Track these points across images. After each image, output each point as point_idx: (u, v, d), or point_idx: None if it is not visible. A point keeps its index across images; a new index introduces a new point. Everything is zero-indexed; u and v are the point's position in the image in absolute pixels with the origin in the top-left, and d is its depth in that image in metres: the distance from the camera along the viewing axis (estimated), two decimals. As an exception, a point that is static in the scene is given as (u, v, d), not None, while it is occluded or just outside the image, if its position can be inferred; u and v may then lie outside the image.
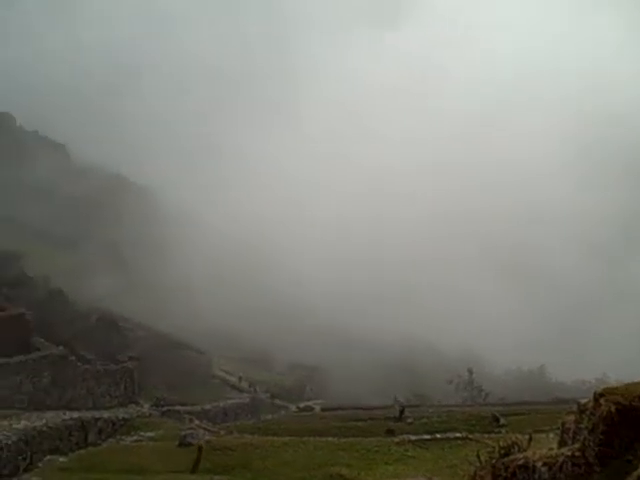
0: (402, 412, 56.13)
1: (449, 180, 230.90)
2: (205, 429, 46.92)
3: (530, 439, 13.98)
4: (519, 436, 14.28)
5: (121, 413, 53.69)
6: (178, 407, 61.84)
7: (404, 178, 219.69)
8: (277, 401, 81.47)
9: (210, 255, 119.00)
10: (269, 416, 72.21)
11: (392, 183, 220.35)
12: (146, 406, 59.00)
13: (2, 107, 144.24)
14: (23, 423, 45.13)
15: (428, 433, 43.60)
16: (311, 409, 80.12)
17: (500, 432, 40.33)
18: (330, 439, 42.64)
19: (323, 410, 77.91)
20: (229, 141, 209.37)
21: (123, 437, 49.40)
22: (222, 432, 47.47)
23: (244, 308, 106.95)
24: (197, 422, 58.70)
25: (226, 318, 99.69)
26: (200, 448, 37.31)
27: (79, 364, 53.77)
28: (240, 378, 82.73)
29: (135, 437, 48.97)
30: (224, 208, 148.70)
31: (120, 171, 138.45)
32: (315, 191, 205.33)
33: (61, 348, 54.06)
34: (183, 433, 40.85)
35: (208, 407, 67.28)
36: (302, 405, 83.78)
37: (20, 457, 42.11)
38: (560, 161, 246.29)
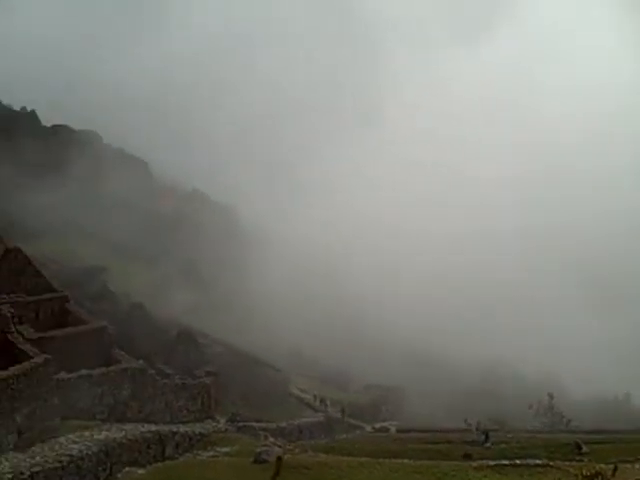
0: (487, 437, 54.89)
1: (531, 193, 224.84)
2: (280, 446, 46.81)
3: (615, 469, 13.36)
4: (603, 465, 13.64)
5: (198, 428, 54.18)
6: (254, 423, 62.06)
7: (485, 189, 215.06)
8: (352, 421, 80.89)
9: (288, 273, 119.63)
10: (344, 435, 71.77)
11: (473, 195, 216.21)
12: (222, 421, 59.39)
13: (89, 125, 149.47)
14: (104, 434, 46.01)
15: (507, 459, 42.34)
16: (386, 430, 79.32)
17: (582, 460, 38.93)
18: (406, 461, 41.88)
19: (399, 431, 77.05)
20: (311, 156, 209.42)
21: (199, 452, 49.77)
22: (297, 450, 47.28)
23: (321, 327, 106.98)
24: (272, 439, 58.83)
25: (303, 337, 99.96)
26: (279, 460, 37.19)
27: (158, 378, 54.54)
28: (315, 397, 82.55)
29: (211, 452, 49.27)
30: (304, 226, 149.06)
31: (200, 188, 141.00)
32: (395, 204, 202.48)
33: (141, 362, 54.99)
34: (258, 450, 40.80)
35: (283, 424, 67.28)
36: (377, 425, 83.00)
37: (100, 468, 42.92)
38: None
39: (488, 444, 53.75)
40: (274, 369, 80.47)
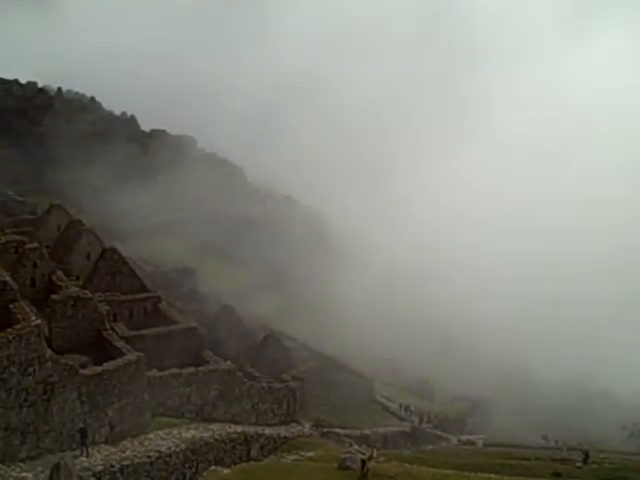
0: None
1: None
2: (364, 454, 46.51)
3: None
4: None
5: (282, 431, 54.51)
6: (338, 429, 61.97)
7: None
8: (438, 432, 79.80)
9: (375, 280, 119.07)
10: (429, 446, 70.83)
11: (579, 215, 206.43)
12: (307, 426, 59.54)
13: (184, 130, 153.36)
14: (191, 433, 46.87)
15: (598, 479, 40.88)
16: (473, 443, 77.90)
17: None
18: (493, 476, 40.90)
19: (485, 445, 75.52)
20: (400, 164, 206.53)
21: (284, 455, 50.05)
22: (381, 459, 46.86)
23: (408, 336, 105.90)
24: (356, 446, 58.59)
25: (389, 344, 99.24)
26: (364, 468, 36.91)
27: (245, 380, 55.16)
28: (401, 406, 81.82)
29: (295, 456, 49.41)
30: (392, 234, 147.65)
31: (292, 193, 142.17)
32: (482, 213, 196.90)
33: (229, 363, 55.71)
34: (343, 456, 40.62)
35: (368, 432, 66.89)
36: (463, 438, 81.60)
37: (187, 465, 43.69)
38: None
39: (578, 464, 52.01)
40: (359, 376, 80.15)
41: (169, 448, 42.98)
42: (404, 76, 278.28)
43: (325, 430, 59.63)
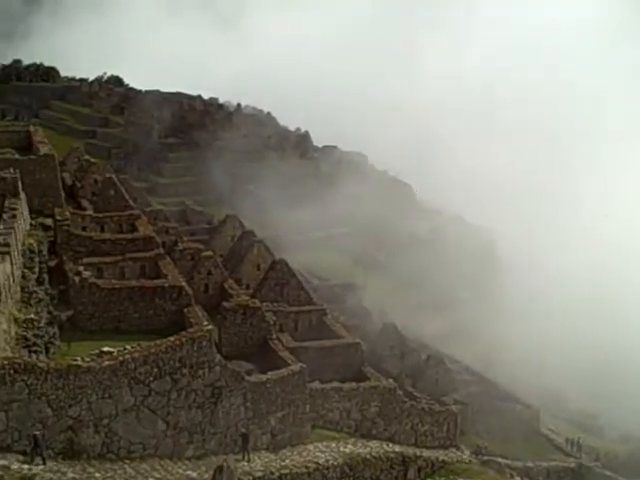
0: None
1: None
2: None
3: None
4: None
5: (441, 455, 53.39)
6: (499, 459, 59.95)
7: None
8: (607, 472, 75.15)
9: (546, 304, 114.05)
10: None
11: None
12: (467, 452, 57.98)
13: (356, 147, 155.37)
14: (349, 448, 46.93)
15: None
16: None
17: None
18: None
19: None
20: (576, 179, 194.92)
21: (441, 479, 49.09)
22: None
23: (579, 366, 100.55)
24: (518, 479, 56.45)
25: (558, 375, 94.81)
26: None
27: (406, 400, 54.53)
28: (567, 440, 77.84)
29: (454, 482, 48.39)
30: (563, 256, 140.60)
31: (461, 213, 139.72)
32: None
33: (391, 381, 55.40)
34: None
35: (530, 465, 64.28)
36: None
37: (343, 480, 43.78)
38: None
39: None
40: (524, 405, 77.23)
41: (327, 461, 43.28)
42: (583, 87, 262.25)
43: (485, 458, 57.83)
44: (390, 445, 50.56)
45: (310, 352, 55.50)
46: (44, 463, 32.07)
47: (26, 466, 31.35)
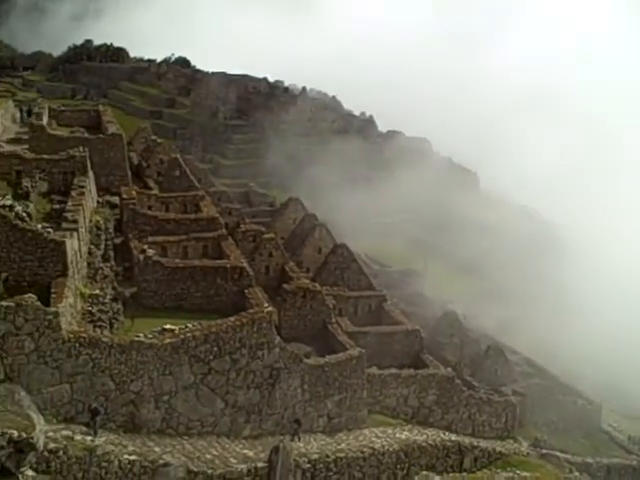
0: None
1: None
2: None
3: None
4: None
5: (499, 446, 52.70)
6: (558, 453, 58.80)
7: None
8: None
9: (611, 302, 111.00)
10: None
11: None
12: (525, 445, 57.12)
13: (421, 132, 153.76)
14: (405, 434, 46.79)
15: None
16: None
17: None
18: None
19: None
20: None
21: (498, 471, 48.47)
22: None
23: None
24: (577, 474, 55.37)
25: (620, 371, 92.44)
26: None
27: (464, 389, 54.06)
28: (630, 438, 75.99)
29: (510, 474, 47.73)
30: (632, 250, 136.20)
31: (526, 203, 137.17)
32: None
33: (449, 369, 54.94)
34: (563, 482, 38.51)
35: (590, 461, 62.84)
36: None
37: (398, 467, 43.68)
38: None
39: None
40: (585, 400, 75.63)
41: (383, 446, 43.24)
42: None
43: (544, 451, 56.84)
44: (447, 433, 50.22)
45: (369, 337, 55.53)
46: (95, 434, 32.83)
47: (89, 437, 32.16)
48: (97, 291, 42.64)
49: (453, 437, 49.88)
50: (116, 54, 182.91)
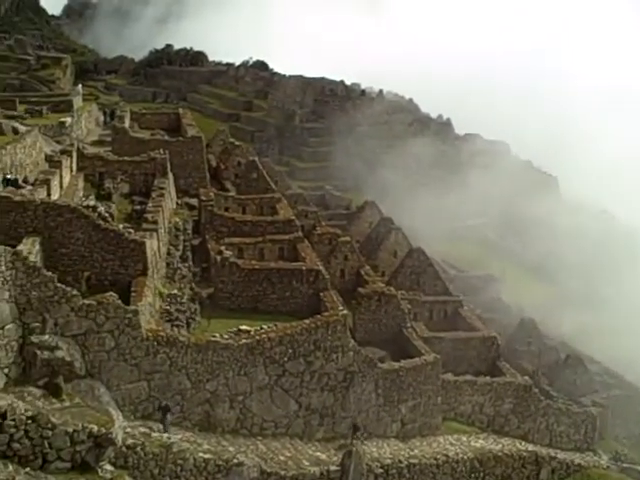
0: None
1: None
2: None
3: None
4: None
5: (577, 458, 51.33)
6: (639, 467, 56.93)
7: None
8: None
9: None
10: None
11: None
12: (605, 458, 55.44)
13: (499, 136, 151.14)
14: (480, 443, 46.04)
15: None
16: None
17: None
18: None
19: None
20: None
21: (578, 484, 47.32)
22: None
23: None
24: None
25: None
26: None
27: (542, 398, 52.82)
28: None
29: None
30: None
31: (607, 208, 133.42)
32: None
33: (527, 378, 53.79)
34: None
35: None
36: None
37: (473, 475, 42.94)
38: None
39: None
40: (669, 413, 73.10)
41: (457, 454, 42.63)
42: None
43: (625, 465, 55.04)
44: (523, 443, 49.21)
45: (444, 343, 54.75)
46: (166, 431, 33.23)
47: (165, 434, 32.65)
48: (175, 291, 43.32)
49: (530, 447, 48.79)
50: (195, 58, 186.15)
